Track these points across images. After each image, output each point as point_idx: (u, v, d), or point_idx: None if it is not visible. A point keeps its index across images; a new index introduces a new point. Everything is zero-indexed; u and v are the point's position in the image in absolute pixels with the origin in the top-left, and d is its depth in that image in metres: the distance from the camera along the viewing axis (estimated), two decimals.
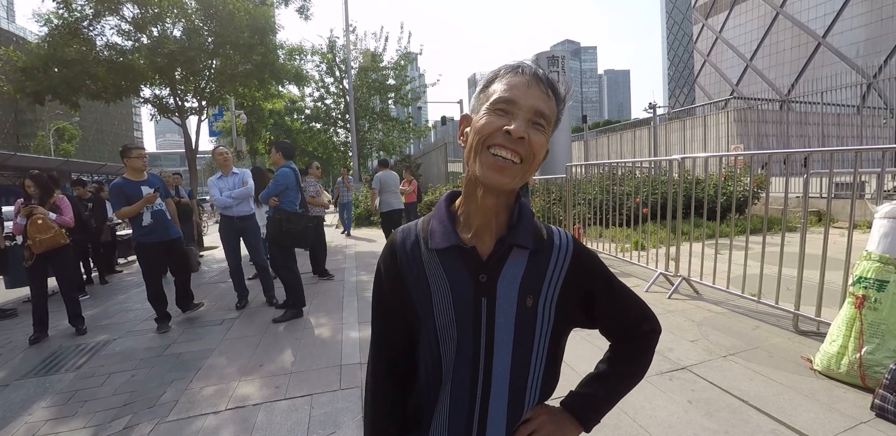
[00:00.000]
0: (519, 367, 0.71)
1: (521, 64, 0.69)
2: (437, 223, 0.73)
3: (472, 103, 0.71)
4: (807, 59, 42.47)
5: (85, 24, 8.36)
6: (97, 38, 8.65)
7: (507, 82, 0.66)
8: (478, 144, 0.65)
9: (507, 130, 0.63)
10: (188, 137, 9.81)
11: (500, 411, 0.70)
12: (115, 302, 5.17)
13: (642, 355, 0.82)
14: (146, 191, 3.82)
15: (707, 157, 4.15)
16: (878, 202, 2.50)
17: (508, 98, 0.65)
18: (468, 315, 0.69)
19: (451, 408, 0.70)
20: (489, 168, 0.64)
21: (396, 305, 0.75)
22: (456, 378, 0.69)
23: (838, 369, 2.31)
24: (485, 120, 0.65)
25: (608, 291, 0.78)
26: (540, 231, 0.75)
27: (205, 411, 2.41)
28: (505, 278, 0.69)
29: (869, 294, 2.28)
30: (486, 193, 0.68)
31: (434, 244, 0.71)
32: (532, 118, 0.65)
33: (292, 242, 4.08)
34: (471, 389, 0.69)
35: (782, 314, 3.26)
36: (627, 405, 2.19)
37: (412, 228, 0.77)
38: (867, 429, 1.92)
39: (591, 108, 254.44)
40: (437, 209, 0.76)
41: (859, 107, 12.38)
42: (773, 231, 6.39)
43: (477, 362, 0.69)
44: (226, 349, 3.36)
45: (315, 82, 18.57)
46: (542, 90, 0.66)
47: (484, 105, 0.67)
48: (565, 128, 11.27)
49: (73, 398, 2.71)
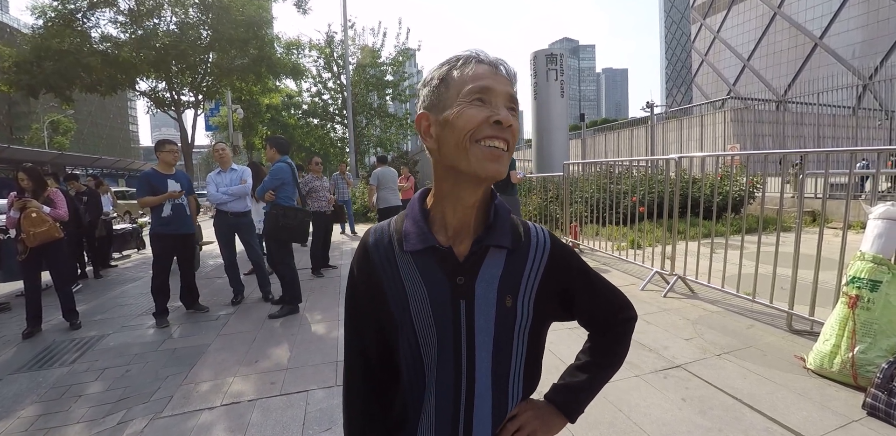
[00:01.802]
0: (501, 366, 0.70)
1: (476, 52, 0.67)
2: (412, 224, 0.71)
3: (429, 99, 0.67)
4: (804, 60, 42.60)
5: (79, 15, 8.28)
6: (92, 30, 8.57)
7: (474, 72, 0.64)
8: (465, 139, 0.62)
9: (496, 121, 0.61)
10: (184, 131, 9.76)
11: (485, 410, 0.70)
12: (109, 296, 5.14)
13: (621, 343, 0.83)
14: (171, 184, 3.96)
15: (704, 156, 4.16)
16: (873, 203, 2.51)
17: (484, 86, 0.62)
18: (447, 318, 0.67)
19: (437, 410, 0.69)
20: (486, 159, 0.62)
21: (370, 307, 0.74)
22: (439, 380, 0.69)
23: (831, 367, 2.33)
24: (466, 113, 0.62)
25: (587, 286, 0.78)
26: (517, 229, 0.73)
27: (200, 406, 2.40)
28: (483, 279, 0.68)
29: (862, 294, 2.30)
30: (471, 188, 0.66)
31: (409, 246, 0.69)
32: (508, 104, 0.64)
33: (289, 238, 4.07)
34: (454, 390, 0.69)
35: (776, 313, 3.28)
36: (622, 403, 2.21)
37: (385, 228, 0.75)
38: (859, 427, 1.94)
39: (589, 106, 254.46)
40: (411, 209, 0.73)
41: (855, 108, 12.46)
42: (768, 231, 6.43)
43: (459, 364, 0.68)
44: (221, 345, 3.35)
45: (313, 77, 18.50)
46: (504, 76, 0.66)
47: (455, 99, 0.63)
48: (563, 126, 11.25)
49: (66, 393, 2.69)
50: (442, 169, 0.68)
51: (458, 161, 0.64)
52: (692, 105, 20.92)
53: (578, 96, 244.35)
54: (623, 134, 20.71)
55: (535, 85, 10.97)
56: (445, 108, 0.64)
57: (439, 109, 0.65)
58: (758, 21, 47.91)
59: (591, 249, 5.89)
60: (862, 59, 35.88)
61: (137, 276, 6.29)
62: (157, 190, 3.90)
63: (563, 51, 11.34)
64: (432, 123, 0.67)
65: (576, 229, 6.33)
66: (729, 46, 51.72)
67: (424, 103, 0.68)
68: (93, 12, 8.40)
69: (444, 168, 0.67)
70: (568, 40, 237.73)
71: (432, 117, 0.66)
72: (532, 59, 11.00)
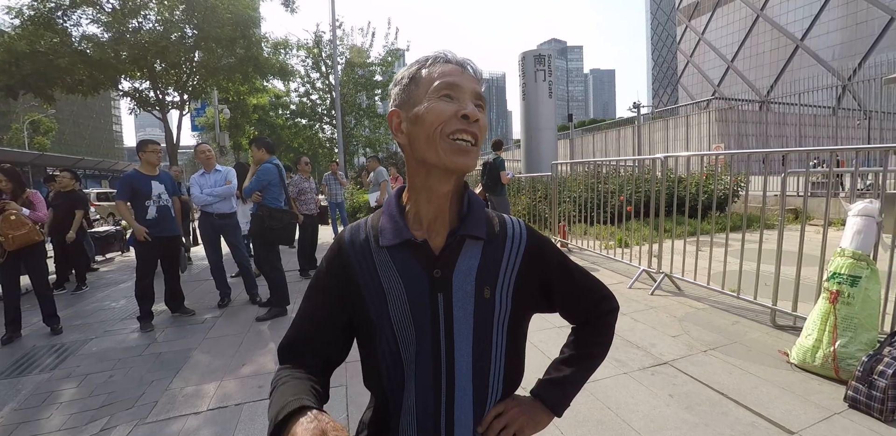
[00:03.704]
0: (481, 359, 0.70)
1: (442, 53, 0.70)
2: (388, 219, 0.72)
3: (399, 97, 0.70)
4: (786, 62, 43.51)
5: (59, 14, 8.10)
6: (73, 28, 8.38)
7: (441, 71, 0.67)
8: (435, 133, 0.64)
9: (464, 115, 0.64)
10: (169, 131, 9.60)
11: (465, 404, 0.70)
12: (92, 300, 5.03)
13: (604, 335, 0.84)
14: (156, 186, 3.88)
15: (689, 156, 4.22)
16: (852, 201, 2.57)
17: (451, 82, 0.65)
18: (425, 312, 0.67)
19: (418, 405, 0.69)
20: (455, 153, 0.64)
21: (339, 308, 0.73)
22: (419, 376, 0.68)
23: (813, 361, 2.38)
24: (436, 108, 0.64)
25: (565, 276, 0.78)
26: (492, 220, 0.75)
27: (185, 411, 2.36)
28: (460, 272, 0.68)
29: (842, 289, 2.35)
30: (442, 179, 0.68)
31: (385, 241, 0.69)
32: (475, 100, 0.67)
33: (276, 239, 4.03)
34: (434, 385, 0.68)
35: (760, 309, 3.34)
36: (610, 400, 2.22)
37: (362, 225, 0.76)
38: (840, 420, 1.98)
39: (577, 106, 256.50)
40: (388, 205, 0.74)
41: (835, 108, 12.75)
42: (752, 229, 6.54)
43: (438, 358, 0.68)
44: (207, 349, 3.30)
45: (301, 77, 18.35)
46: (471, 75, 0.69)
47: (424, 95, 0.66)
48: (551, 126, 11.33)
49: (47, 400, 2.63)
50: (414, 163, 0.70)
51: (428, 154, 0.66)
52: (678, 105, 21.22)
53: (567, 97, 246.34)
54: (610, 134, 20.92)
55: (523, 86, 11.03)
56: (415, 104, 0.67)
57: (409, 105, 0.68)
58: (741, 23, 48.81)
59: (579, 248, 5.93)
60: (841, 61, 36.79)
61: (121, 279, 6.17)
62: (140, 192, 3.81)
63: (552, 52, 11.42)
64: (403, 119, 0.69)
65: (564, 229, 6.37)
66: (713, 48, 52.59)
67: (395, 102, 0.71)
68: (74, 11, 8.22)
69: (416, 162, 0.69)
70: (556, 41, 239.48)
71: (403, 114, 0.69)
72: (521, 60, 11.06)
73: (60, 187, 5.58)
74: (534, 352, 2.78)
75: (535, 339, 3.00)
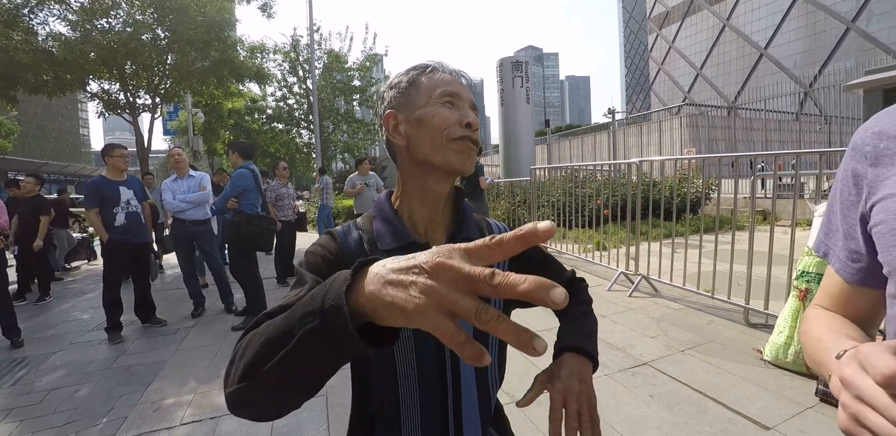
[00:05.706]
0: None
1: (440, 63, 0.74)
2: (383, 223, 0.70)
3: (397, 100, 0.71)
4: (751, 69, 45.32)
5: (26, 11, 7.77)
6: (39, 27, 8.05)
7: (442, 79, 0.71)
8: (441, 136, 0.67)
9: (468, 123, 0.68)
10: (140, 135, 9.29)
11: (471, 401, 0.71)
12: (56, 311, 4.80)
13: (585, 294, 0.88)
14: (125, 192, 3.74)
15: (663, 160, 4.34)
16: (817, 202, 2.68)
17: (454, 91, 0.70)
18: None
19: (423, 406, 0.69)
20: (462, 155, 0.68)
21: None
22: (422, 377, 0.68)
23: (785, 358, 2.45)
24: (441, 113, 0.68)
25: (542, 263, 0.86)
26: (481, 223, 0.80)
27: (157, 426, 2.26)
28: None
29: (811, 287, 2.43)
30: (441, 180, 0.70)
31: (384, 245, 0.68)
32: (472, 110, 0.72)
33: (253, 246, 3.93)
34: (440, 384, 0.69)
35: (734, 309, 3.43)
36: None
37: (352, 227, 0.74)
38: (813, 414, 2.04)
39: (554, 112, 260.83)
40: (380, 209, 0.73)
41: (798, 114, 13.33)
42: (724, 230, 6.75)
43: (443, 358, 0.68)
44: (180, 360, 3.18)
45: (277, 81, 18.09)
46: (466, 85, 0.74)
47: (426, 100, 0.69)
48: (529, 132, 11.47)
49: (7, 417, 2.47)
50: (410, 164, 0.71)
51: (432, 156, 0.68)
52: (651, 111, 21.83)
53: (543, 103, 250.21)
54: (587, 139, 21.33)
55: (501, 92, 11.14)
56: (416, 108, 0.69)
57: (409, 109, 0.70)
58: (709, 32, 50.68)
59: (558, 251, 6.00)
60: (803, 68, 38.53)
61: (87, 288, 5.91)
62: (109, 199, 3.66)
63: (529, 58, 11.60)
64: (401, 121, 0.71)
65: None
66: (683, 56, 54.41)
67: (392, 104, 0.72)
68: (41, 8, 7.90)
69: (414, 163, 0.71)
70: (532, 48, 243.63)
71: (401, 116, 0.71)
72: (498, 67, 11.17)
73: (25, 193, 5.32)
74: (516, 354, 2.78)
75: None
